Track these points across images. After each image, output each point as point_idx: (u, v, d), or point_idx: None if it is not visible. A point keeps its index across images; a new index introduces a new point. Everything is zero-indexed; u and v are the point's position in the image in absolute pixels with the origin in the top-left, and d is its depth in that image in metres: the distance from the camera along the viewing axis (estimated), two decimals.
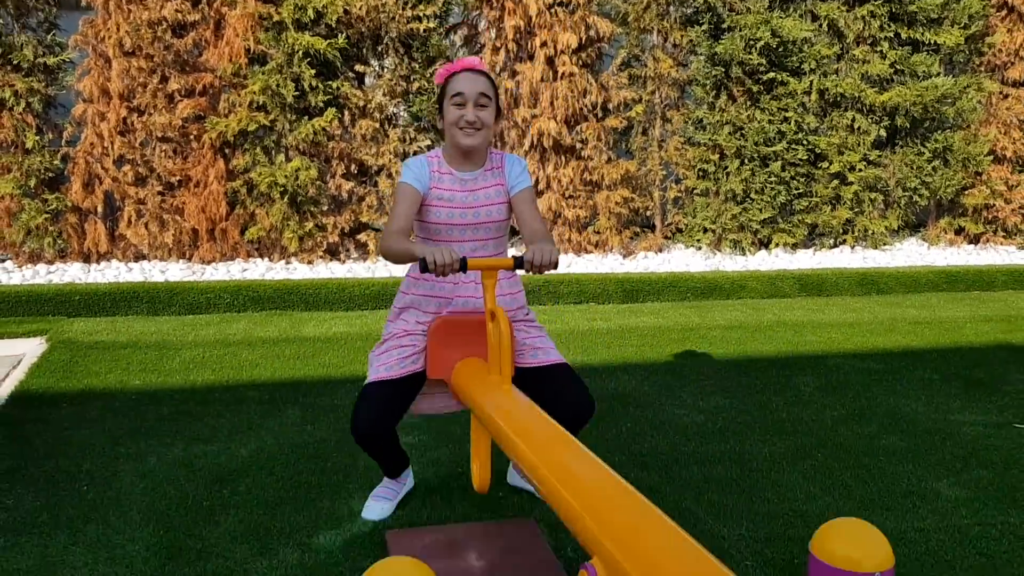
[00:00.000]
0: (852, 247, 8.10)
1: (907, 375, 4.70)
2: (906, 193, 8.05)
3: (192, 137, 6.97)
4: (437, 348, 2.64)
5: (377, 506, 2.87)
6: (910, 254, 8.04)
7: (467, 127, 2.61)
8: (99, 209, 6.97)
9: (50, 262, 6.95)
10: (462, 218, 2.68)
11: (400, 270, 7.01)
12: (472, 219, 2.69)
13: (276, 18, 6.85)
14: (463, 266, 2.36)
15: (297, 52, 6.84)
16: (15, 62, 6.65)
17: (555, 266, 2.42)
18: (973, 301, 6.70)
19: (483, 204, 2.69)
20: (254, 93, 6.85)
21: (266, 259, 7.27)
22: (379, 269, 7.08)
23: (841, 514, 2.94)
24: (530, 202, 2.71)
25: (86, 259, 7.03)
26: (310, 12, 6.83)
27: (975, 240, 8.60)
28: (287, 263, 7.20)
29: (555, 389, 2.64)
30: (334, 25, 6.98)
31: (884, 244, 8.16)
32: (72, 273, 6.69)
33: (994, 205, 8.37)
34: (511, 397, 2.24)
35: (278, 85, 6.83)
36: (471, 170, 2.71)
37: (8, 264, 6.88)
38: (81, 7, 6.97)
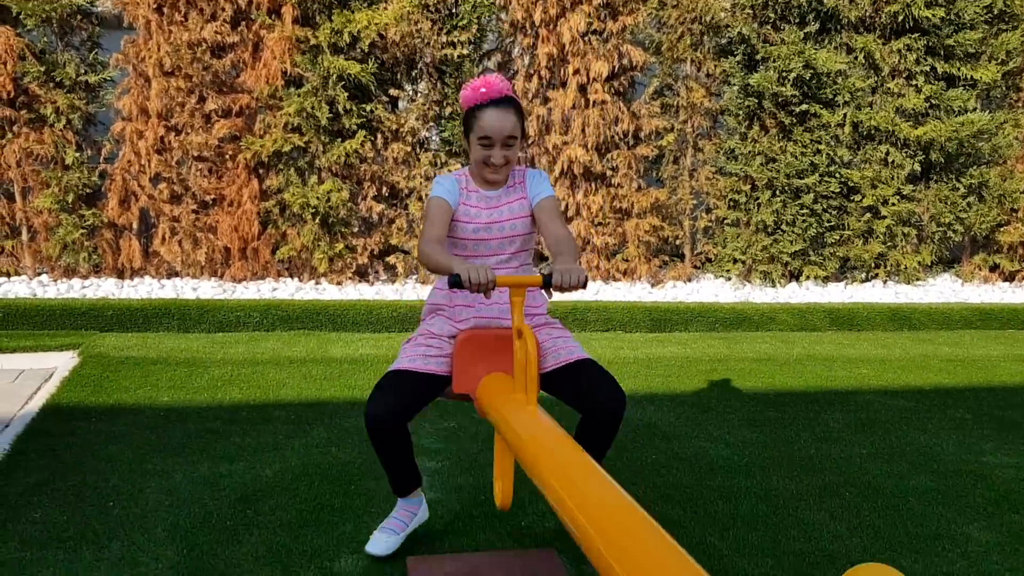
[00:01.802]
0: (884, 281, 8.02)
1: (939, 414, 4.63)
2: (940, 228, 7.97)
3: (227, 157, 7.06)
4: (463, 363, 2.63)
5: (382, 539, 2.76)
6: (943, 290, 7.94)
7: (493, 167, 2.68)
8: (134, 226, 7.06)
9: (84, 277, 7.04)
10: (487, 233, 2.73)
11: (427, 292, 7.02)
12: (497, 233, 2.74)
13: (313, 42, 6.93)
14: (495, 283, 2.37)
15: (332, 75, 6.92)
16: (58, 79, 6.78)
17: (584, 286, 2.40)
18: (1008, 340, 6.60)
19: (507, 219, 2.74)
20: (289, 115, 6.93)
21: (296, 279, 7.32)
22: (407, 291, 7.10)
23: (868, 555, 2.90)
24: (552, 210, 2.71)
25: (120, 275, 7.12)
26: (346, 36, 6.91)
27: (1010, 278, 8.48)
28: (317, 283, 7.25)
29: (586, 385, 2.60)
30: (368, 50, 7.05)
31: (917, 279, 8.07)
32: (106, 288, 6.77)
33: None
34: (536, 419, 2.24)
35: (313, 107, 6.90)
36: (495, 189, 2.77)
37: (44, 278, 6.99)
38: (124, 27, 7.10)
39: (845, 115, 7.66)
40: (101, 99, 7.00)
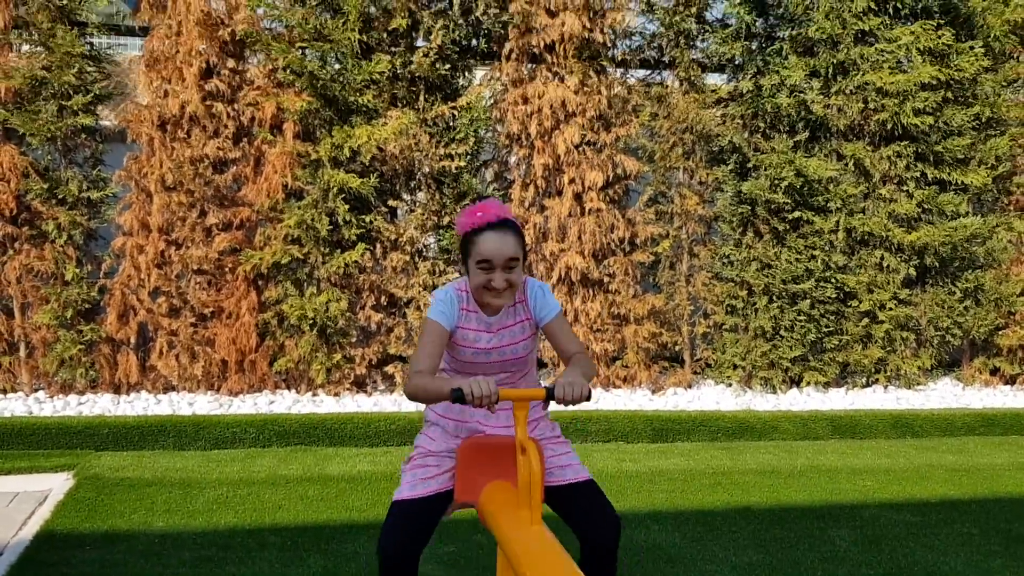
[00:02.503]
0: (885, 387, 7.99)
1: (945, 529, 4.55)
2: (938, 332, 7.98)
3: (227, 269, 7.10)
4: (465, 471, 2.60)
5: None
6: (944, 395, 7.90)
7: (494, 291, 2.61)
8: (132, 340, 7.06)
9: (81, 392, 7.00)
10: (487, 357, 2.69)
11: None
12: (497, 358, 2.69)
13: (314, 156, 7.06)
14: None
15: (332, 188, 7.02)
16: (60, 196, 6.87)
17: (588, 399, 2.38)
18: (1012, 446, 6.54)
19: (508, 343, 2.69)
20: (289, 227, 7.01)
21: (293, 391, 7.28)
22: (405, 403, 7.06)
23: None
24: (562, 329, 2.69)
25: (116, 390, 7.08)
26: (346, 151, 7.04)
27: (1011, 381, 8.46)
28: (314, 395, 7.21)
29: (583, 507, 2.59)
30: (368, 163, 7.18)
31: (918, 384, 8.04)
32: (102, 404, 6.73)
33: None
34: (539, 541, 2.19)
35: (313, 219, 6.99)
36: (495, 312, 2.70)
37: (40, 394, 6.95)
38: (127, 142, 7.23)
39: (838, 221, 7.75)
40: (102, 215, 7.08)
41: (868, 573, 3.89)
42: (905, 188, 7.92)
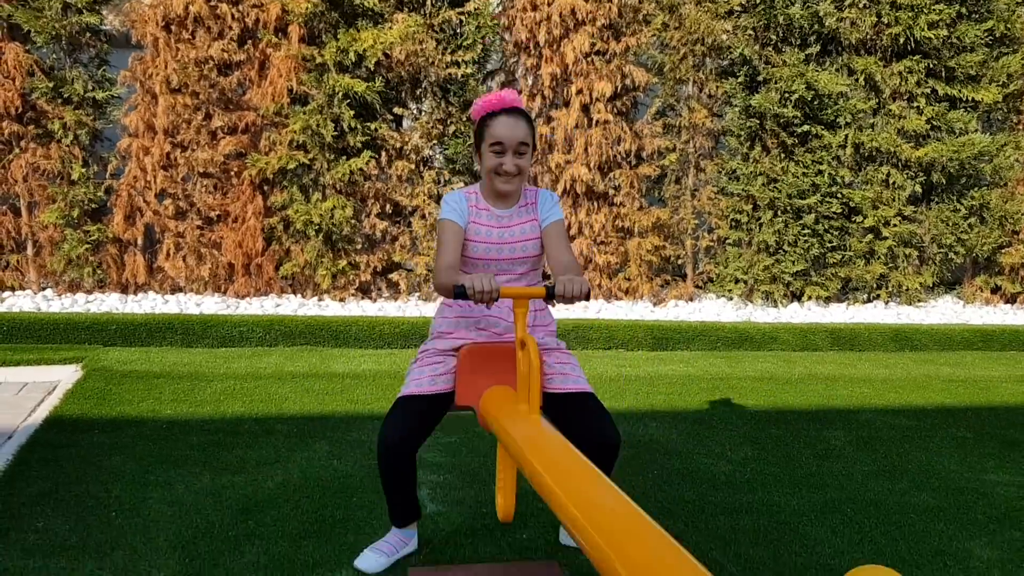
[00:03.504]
0: (886, 303, 8.04)
1: (940, 433, 4.63)
2: (941, 250, 7.99)
3: (232, 173, 7.10)
4: (466, 375, 2.65)
5: (372, 557, 2.78)
6: (945, 312, 7.95)
7: (505, 175, 2.67)
8: (139, 241, 7.10)
9: (89, 292, 7.07)
10: (498, 253, 2.73)
11: (430, 309, 7.05)
12: (508, 254, 2.74)
13: (319, 60, 6.99)
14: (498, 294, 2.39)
15: (338, 94, 6.97)
16: (66, 95, 6.83)
17: (586, 297, 2.42)
18: (1009, 361, 6.61)
19: (518, 240, 2.74)
20: (295, 132, 6.98)
21: (299, 295, 7.34)
22: (410, 308, 7.12)
23: None
24: (559, 236, 2.73)
25: (124, 290, 7.14)
26: (351, 55, 6.97)
27: (1012, 299, 8.49)
28: (319, 300, 7.27)
29: (580, 418, 2.63)
30: (374, 68, 7.11)
31: (919, 301, 8.09)
32: (110, 303, 6.79)
33: None
34: (539, 428, 2.25)
35: (318, 125, 6.95)
36: (506, 207, 2.76)
37: (48, 292, 7.01)
38: (131, 45, 7.16)
39: (846, 136, 7.70)
40: (108, 115, 7.05)
41: (862, 469, 3.97)
42: (915, 104, 7.85)
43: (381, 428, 2.62)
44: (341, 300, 7.29)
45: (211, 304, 6.90)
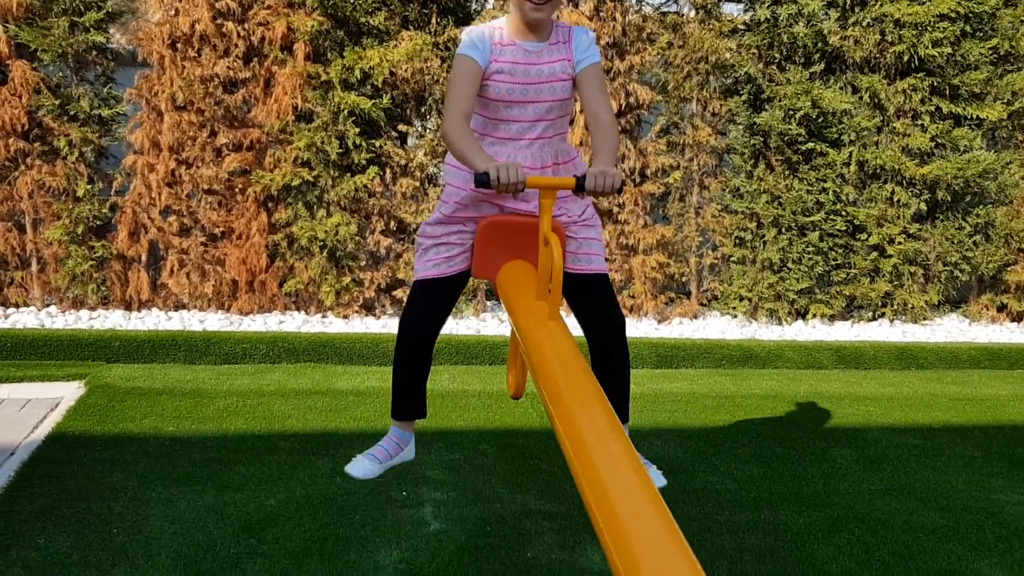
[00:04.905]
0: (891, 321, 8.01)
1: (948, 452, 4.60)
2: (947, 268, 7.97)
3: (237, 190, 7.11)
4: (484, 247, 2.56)
5: (364, 463, 2.77)
6: (951, 330, 7.92)
7: (535, 3, 2.46)
8: (143, 258, 7.10)
9: (92, 308, 7.07)
10: (523, 94, 2.54)
11: None
12: (534, 96, 2.55)
13: (324, 78, 7.01)
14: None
15: (343, 111, 6.99)
16: (72, 113, 6.85)
17: (619, 191, 2.32)
18: (1016, 380, 6.57)
19: (547, 80, 2.55)
20: (299, 149, 6.99)
21: (303, 312, 7.34)
22: None
23: None
24: (597, 82, 2.56)
25: (127, 306, 7.14)
26: (357, 73, 6.99)
27: (1018, 318, 8.46)
28: (323, 316, 7.27)
29: (593, 300, 2.63)
30: (379, 86, 7.13)
31: (924, 319, 8.06)
32: (113, 320, 6.79)
33: None
34: (554, 338, 2.18)
35: (323, 142, 6.97)
36: (536, 41, 2.55)
37: (52, 309, 7.01)
38: (138, 62, 7.19)
39: (851, 154, 7.70)
40: (114, 133, 7.08)
41: (869, 488, 3.94)
42: (919, 122, 7.84)
43: (402, 316, 2.62)
44: (345, 317, 7.28)
45: (214, 321, 6.90)
